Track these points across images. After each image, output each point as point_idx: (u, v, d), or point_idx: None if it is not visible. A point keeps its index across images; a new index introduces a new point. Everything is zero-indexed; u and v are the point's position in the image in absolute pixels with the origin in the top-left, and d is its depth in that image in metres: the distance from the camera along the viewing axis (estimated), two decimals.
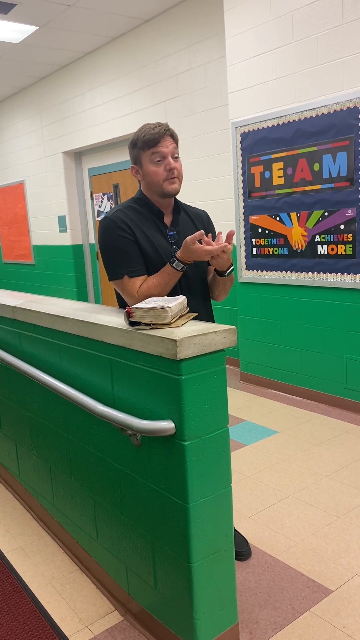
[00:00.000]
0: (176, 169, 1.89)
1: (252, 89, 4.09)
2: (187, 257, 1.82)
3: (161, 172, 1.88)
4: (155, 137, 1.85)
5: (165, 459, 1.60)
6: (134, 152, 1.92)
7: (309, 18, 3.62)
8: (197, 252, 1.78)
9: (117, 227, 1.89)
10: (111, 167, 6.45)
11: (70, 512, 2.29)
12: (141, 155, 1.89)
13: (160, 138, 1.86)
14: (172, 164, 1.88)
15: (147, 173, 1.90)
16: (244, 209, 4.35)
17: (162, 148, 1.86)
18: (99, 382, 1.87)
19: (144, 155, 1.89)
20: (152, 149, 1.86)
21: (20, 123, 7.68)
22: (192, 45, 4.82)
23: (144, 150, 1.88)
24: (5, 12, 4.77)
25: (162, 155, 1.87)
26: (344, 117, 3.52)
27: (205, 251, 1.77)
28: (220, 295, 2.10)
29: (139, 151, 1.89)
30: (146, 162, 1.89)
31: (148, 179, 1.91)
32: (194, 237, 1.77)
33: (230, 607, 1.73)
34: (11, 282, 8.82)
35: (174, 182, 1.90)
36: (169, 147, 1.88)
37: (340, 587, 2.06)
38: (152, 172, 1.89)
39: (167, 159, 1.87)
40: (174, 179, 1.90)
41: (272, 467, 3.07)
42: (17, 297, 2.63)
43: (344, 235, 3.67)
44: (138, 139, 1.88)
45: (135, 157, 1.92)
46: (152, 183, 1.91)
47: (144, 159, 1.89)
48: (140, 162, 1.91)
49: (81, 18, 5.02)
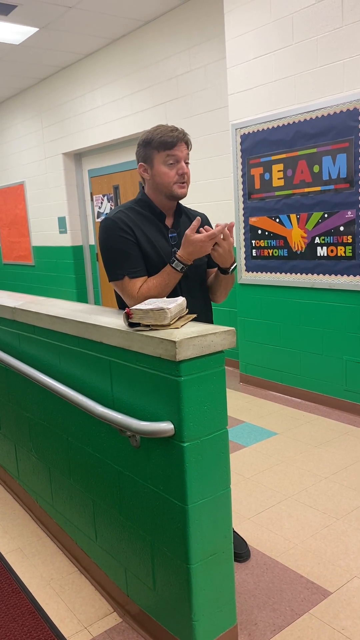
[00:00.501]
0: (187, 174, 1.91)
1: (252, 90, 4.10)
2: (189, 254, 1.82)
3: (172, 174, 1.89)
4: (173, 140, 1.86)
5: (164, 460, 1.60)
6: (146, 150, 1.91)
7: (309, 20, 3.62)
8: (199, 241, 1.79)
9: (118, 228, 1.89)
10: (111, 169, 6.45)
11: (69, 513, 2.28)
12: (154, 155, 1.89)
13: (177, 142, 1.87)
14: (185, 168, 1.90)
15: (158, 173, 1.90)
16: (243, 210, 4.35)
17: (178, 152, 1.88)
18: (98, 383, 1.87)
19: (157, 155, 1.88)
20: (168, 151, 1.87)
21: (21, 124, 7.69)
22: (192, 47, 4.83)
23: (159, 150, 1.87)
24: (6, 14, 4.78)
25: (176, 158, 1.88)
26: (343, 119, 3.52)
27: (207, 236, 1.78)
28: (220, 296, 2.11)
29: (153, 151, 1.89)
30: (158, 163, 1.89)
31: (157, 179, 1.91)
32: (193, 228, 1.79)
33: (229, 608, 1.73)
34: (11, 283, 8.82)
35: (183, 187, 1.92)
36: (184, 152, 1.90)
37: (339, 589, 2.06)
38: (164, 174, 1.89)
39: (181, 163, 1.89)
40: (184, 183, 1.92)
41: (271, 468, 3.07)
42: (17, 298, 2.63)
43: (344, 237, 3.67)
44: (153, 139, 1.88)
45: (146, 156, 1.91)
46: (161, 184, 1.91)
47: (156, 159, 1.89)
48: (152, 161, 1.90)
49: (81, 19, 5.03)
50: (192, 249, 1.80)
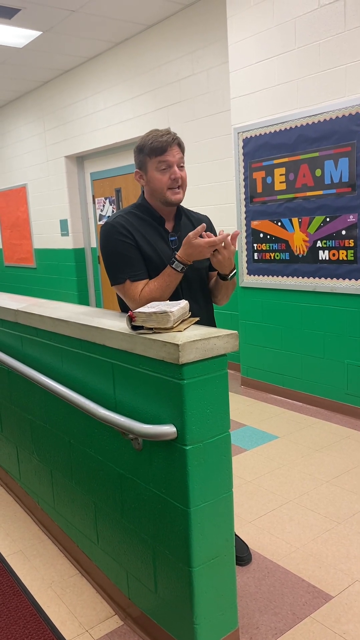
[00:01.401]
0: (181, 178, 1.91)
1: (254, 94, 4.11)
2: (188, 256, 1.82)
3: (165, 180, 1.89)
4: (163, 145, 1.86)
5: (166, 463, 1.60)
6: (140, 157, 1.92)
7: (311, 25, 3.64)
8: (199, 246, 1.79)
9: (117, 232, 1.90)
10: (113, 172, 6.47)
11: (70, 515, 2.29)
12: (147, 162, 1.90)
13: (167, 147, 1.86)
14: (177, 173, 1.89)
15: (151, 180, 1.91)
16: (245, 214, 4.36)
17: (169, 157, 1.87)
18: (100, 385, 1.88)
19: (150, 162, 1.89)
20: (159, 157, 1.87)
21: (23, 127, 7.71)
22: (195, 51, 4.84)
23: (151, 157, 1.88)
24: (10, 17, 4.80)
25: (168, 164, 1.88)
26: (345, 123, 3.53)
27: (208, 242, 1.78)
28: (222, 299, 2.12)
29: (145, 157, 1.90)
30: (151, 169, 1.90)
31: (152, 186, 1.92)
32: (196, 232, 1.79)
33: (230, 612, 1.73)
34: (13, 286, 8.83)
35: (177, 193, 1.92)
36: (176, 157, 1.89)
37: (341, 593, 2.06)
38: (157, 180, 1.90)
39: (173, 168, 1.88)
40: (178, 188, 1.92)
41: (272, 472, 3.07)
42: (19, 301, 2.63)
43: (346, 241, 3.68)
44: (145, 145, 1.88)
45: (141, 163, 1.92)
46: (155, 190, 1.92)
47: (149, 166, 1.90)
48: (146, 168, 1.91)
49: (84, 23, 5.05)
50: (192, 251, 1.81)
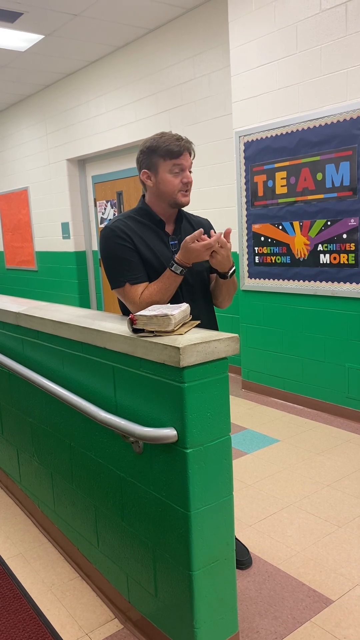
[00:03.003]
0: (191, 183, 1.95)
1: (255, 98, 4.12)
2: (186, 259, 1.83)
3: (177, 182, 1.91)
4: (180, 149, 1.89)
5: (167, 466, 1.60)
6: (151, 157, 1.92)
7: (313, 29, 3.65)
8: (196, 250, 1.80)
9: (116, 236, 1.91)
10: (115, 175, 6.48)
11: (71, 518, 2.28)
12: (159, 163, 1.90)
13: (183, 151, 1.90)
14: (189, 177, 1.93)
15: (163, 182, 1.92)
16: (246, 217, 4.37)
17: (183, 161, 1.90)
18: (101, 388, 1.88)
19: (163, 163, 1.90)
20: (174, 160, 1.89)
21: (25, 130, 7.73)
22: (197, 55, 4.86)
23: (165, 159, 1.89)
24: (12, 21, 4.82)
25: (181, 167, 1.90)
26: (347, 127, 3.54)
27: (204, 245, 1.79)
28: (224, 301, 2.11)
29: (159, 159, 1.90)
30: (163, 171, 1.91)
31: (162, 187, 1.93)
32: (193, 236, 1.80)
33: (230, 616, 1.72)
34: (14, 288, 8.84)
35: (186, 195, 1.95)
36: (188, 161, 1.93)
37: (341, 597, 2.06)
38: (169, 182, 1.91)
39: (186, 172, 1.92)
40: (187, 191, 1.95)
41: (273, 475, 3.06)
42: (21, 304, 2.64)
43: (347, 245, 3.68)
44: (159, 147, 1.89)
45: (151, 163, 1.92)
46: (165, 192, 1.93)
47: (161, 167, 1.91)
48: (157, 169, 1.92)
49: (87, 27, 5.07)
50: (189, 255, 1.82)
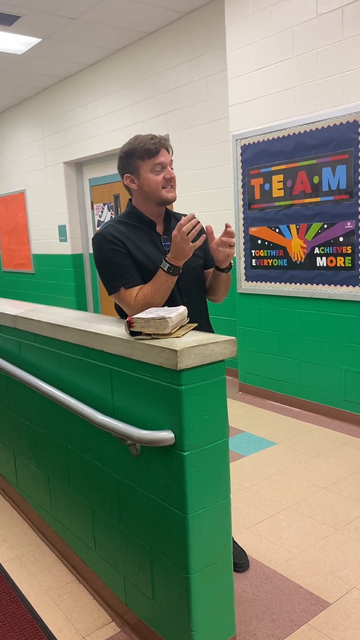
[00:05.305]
0: (174, 179, 1.97)
1: (252, 102, 4.13)
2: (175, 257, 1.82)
3: (160, 180, 1.93)
4: (157, 147, 1.91)
5: (164, 469, 1.60)
6: (131, 161, 1.94)
7: (309, 33, 3.67)
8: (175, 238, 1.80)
9: (108, 241, 1.92)
10: (112, 178, 6.49)
11: (68, 522, 2.28)
12: (139, 164, 1.93)
13: (160, 148, 1.92)
14: (172, 173, 1.96)
15: (146, 182, 1.94)
16: (243, 220, 4.38)
17: (162, 158, 1.93)
18: (98, 391, 1.88)
19: (143, 164, 1.92)
20: (154, 159, 1.91)
21: (22, 133, 7.73)
22: (194, 59, 4.87)
23: (144, 159, 1.92)
24: (9, 24, 4.83)
25: (162, 165, 1.93)
26: (343, 130, 3.56)
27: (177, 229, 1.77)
28: (221, 295, 2.13)
29: (138, 160, 1.93)
30: (145, 172, 1.93)
31: (146, 188, 1.95)
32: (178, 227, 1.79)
33: (228, 619, 1.72)
34: (11, 291, 8.83)
35: (171, 191, 1.97)
36: (168, 158, 1.95)
37: (339, 599, 2.06)
38: (152, 181, 1.93)
39: (167, 168, 1.94)
40: (171, 187, 1.97)
41: (270, 478, 3.06)
42: (18, 306, 2.63)
43: (343, 248, 3.69)
44: (136, 149, 1.92)
45: (131, 167, 1.95)
46: (150, 191, 1.95)
47: (142, 168, 1.93)
48: (138, 171, 1.94)
49: (84, 31, 5.08)
50: (175, 248, 1.82)
